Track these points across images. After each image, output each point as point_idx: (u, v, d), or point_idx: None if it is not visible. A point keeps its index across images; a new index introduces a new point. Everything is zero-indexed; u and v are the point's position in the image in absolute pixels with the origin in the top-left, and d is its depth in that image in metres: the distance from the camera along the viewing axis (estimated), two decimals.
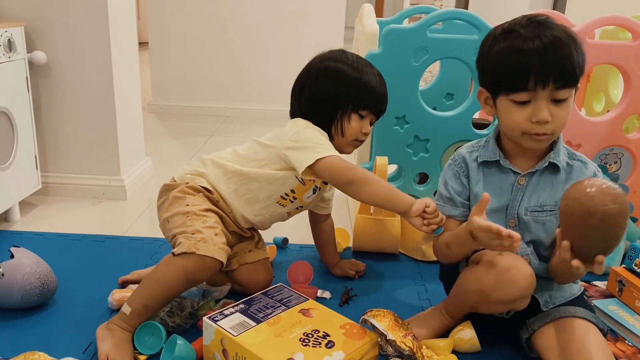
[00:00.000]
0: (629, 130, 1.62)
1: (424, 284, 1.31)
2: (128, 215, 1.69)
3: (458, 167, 1.06)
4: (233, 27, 2.93)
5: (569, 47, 0.90)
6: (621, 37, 1.71)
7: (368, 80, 1.16)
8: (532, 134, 0.94)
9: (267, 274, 1.23)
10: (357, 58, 1.19)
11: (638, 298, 1.14)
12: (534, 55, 0.89)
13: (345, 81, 1.15)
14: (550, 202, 1.00)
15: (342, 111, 1.16)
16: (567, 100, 0.93)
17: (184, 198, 1.12)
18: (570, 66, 0.90)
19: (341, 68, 1.16)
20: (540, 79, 0.89)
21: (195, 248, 1.01)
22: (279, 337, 0.92)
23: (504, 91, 0.94)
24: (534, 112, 0.92)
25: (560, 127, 0.95)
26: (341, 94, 1.15)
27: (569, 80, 0.91)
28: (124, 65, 1.79)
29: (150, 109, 3.05)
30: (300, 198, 1.18)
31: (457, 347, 1.04)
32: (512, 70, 0.92)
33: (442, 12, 1.44)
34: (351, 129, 1.17)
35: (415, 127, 1.47)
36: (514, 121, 0.95)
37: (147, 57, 3.05)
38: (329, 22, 2.93)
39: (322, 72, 1.17)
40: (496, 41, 0.95)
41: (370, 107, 1.17)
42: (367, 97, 1.16)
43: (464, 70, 1.47)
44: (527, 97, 0.92)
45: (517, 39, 0.91)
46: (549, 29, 0.91)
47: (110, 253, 1.41)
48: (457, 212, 1.05)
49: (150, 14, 2.95)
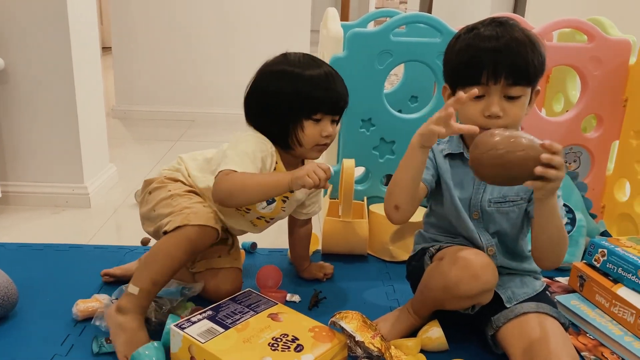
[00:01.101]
0: (587, 130, 1.67)
1: (392, 284, 1.33)
2: (92, 223, 1.66)
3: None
4: (198, 32, 2.91)
5: (524, 47, 0.94)
6: (577, 40, 1.76)
7: (312, 83, 1.09)
8: (485, 128, 0.96)
9: (232, 284, 1.17)
10: (299, 61, 1.12)
11: (598, 292, 1.18)
12: (488, 51, 0.93)
13: (288, 93, 1.09)
14: (512, 192, 1.04)
15: (293, 122, 1.10)
16: (520, 98, 0.96)
17: (165, 186, 1.13)
18: (523, 64, 0.94)
19: (283, 79, 1.10)
20: (492, 73, 0.93)
21: (187, 220, 1.02)
22: (248, 343, 0.92)
23: (461, 85, 0.98)
24: (486, 106, 0.96)
25: (512, 124, 0.98)
26: (286, 107, 1.09)
27: (521, 77, 0.94)
28: (86, 70, 1.75)
29: (114, 115, 3.00)
30: (253, 209, 1.16)
31: (425, 346, 1.05)
32: (467, 64, 0.96)
33: (405, 16, 1.46)
34: (307, 137, 1.11)
35: (381, 130, 1.49)
36: (469, 115, 0.98)
37: (110, 62, 3.00)
38: (295, 26, 2.94)
39: (263, 86, 1.12)
40: (459, 39, 1.00)
41: (322, 109, 1.10)
42: (316, 101, 1.09)
43: (427, 73, 1.50)
44: (481, 91, 0.95)
45: (476, 37, 0.96)
46: (509, 30, 0.95)
47: (74, 262, 1.37)
48: (428, 177, 1.05)
49: (113, 18, 2.90)
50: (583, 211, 1.50)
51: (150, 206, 1.13)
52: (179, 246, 1.02)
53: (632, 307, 1.09)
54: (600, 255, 1.21)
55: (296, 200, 1.21)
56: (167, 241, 1.03)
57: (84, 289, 1.21)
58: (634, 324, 1.08)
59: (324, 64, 1.14)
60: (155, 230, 1.12)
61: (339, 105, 1.12)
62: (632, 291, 1.12)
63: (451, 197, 1.06)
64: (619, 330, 1.09)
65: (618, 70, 1.52)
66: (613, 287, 1.14)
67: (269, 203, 1.17)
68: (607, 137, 1.59)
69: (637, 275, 1.11)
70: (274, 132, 1.12)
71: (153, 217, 1.12)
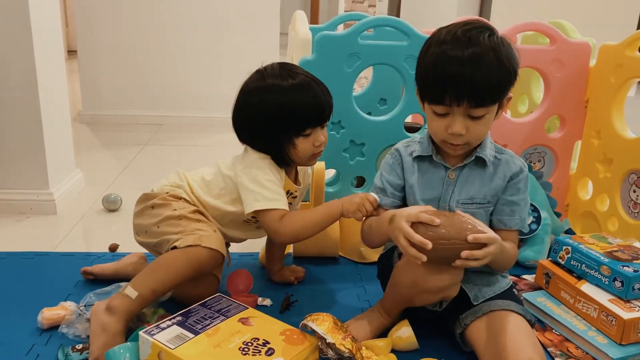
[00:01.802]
0: (551, 130, 1.71)
1: (363, 285, 1.33)
2: (58, 230, 1.62)
3: (394, 159, 1.12)
4: (165, 34, 2.88)
5: (490, 68, 0.93)
6: (540, 42, 1.80)
7: (296, 103, 1.10)
8: (448, 142, 1.01)
9: (205, 290, 1.15)
10: (279, 78, 1.12)
11: (563, 289, 1.21)
12: (451, 75, 0.94)
13: (275, 118, 1.11)
14: (479, 195, 1.06)
15: (285, 142, 1.13)
16: (484, 117, 0.98)
17: (169, 204, 1.14)
18: (485, 88, 0.94)
19: (267, 102, 1.11)
20: (455, 98, 0.95)
21: (200, 241, 1.05)
22: (218, 348, 0.91)
23: (427, 101, 1.01)
24: (449, 124, 0.98)
25: (475, 140, 1.01)
26: (276, 129, 1.12)
27: (484, 101, 0.96)
28: (50, 74, 1.71)
29: (81, 119, 2.94)
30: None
31: (395, 346, 1.06)
32: (432, 85, 0.98)
33: (373, 19, 1.47)
34: (301, 152, 1.14)
35: (351, 132, 1.50)
36: (434, 129, 1.02)
37: (76, 65, 2.94)
38: (264, 28, 2.93)
39: (250, 111, 1.13)
40: (428, 51, 0.99)
41: (311, 124, 1.13)
42: (303, 120, 1.12)
43: (395, 75, 1.51)
44: (444, 110, 0.98)
45: (443, 56, 0.95)
46: (477, 48, 0.93)
47: (40, 270, 1.34)
48: (387, 201, 1.11)
49: (78, 21, 2.85)
50: (548, 210, 1.53)
51: (154, 221, 1.13)
52: (188, 263, 1.04)
53: (595, 303, 1.12)
54: (564, 252, 1.24)
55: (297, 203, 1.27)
56: (178, 256, 1.05)
57: (51, 297, 1.18)
58: (597, 318, 1.11)
59: (301, 72, 1.15)
60: (157, 243, 1.13)
61: (325, 114, 1.15)
62: (595, 287, 1.15)
63: (414, 200, 1.08)
64: (584, 326, 1.12)
65: (579, 72, 1.56)
66: (577, 284, 1.17)
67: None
68: (570, 137, 1.63)
69: (600, 271, 1.14)
70: (270, 150, 1.16)
71: (155, 232, 1.13)
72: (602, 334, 1.09)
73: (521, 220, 1.06)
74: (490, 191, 1.05)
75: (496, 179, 1.05)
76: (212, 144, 2.62)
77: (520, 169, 1.06)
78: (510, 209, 1.05)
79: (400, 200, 1.12)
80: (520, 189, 1.06)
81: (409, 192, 1.10)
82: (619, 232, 1.45)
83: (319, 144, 1.15)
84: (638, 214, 1.42)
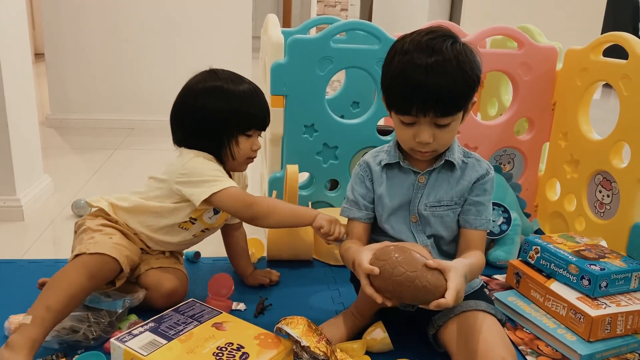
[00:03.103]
0: (520, 132, 1.75)
1: (337, 288, 1.34)
2: (26, 236, 1.58)
3: (363, 171, 1.12)
4: (136, 37, 2.84)
5: (455, 78, 0.94)
6: (508, 46, 1.84)
7: (246, 100, 1.15)
8: (416, 150, 1.03)
9: (173, 281, 1.15)
10: (230, 78, 1.16)
11: (533, 288, 1.23)
12: (416, 87, 0.94)
13: (226, 110, 1.13)
14: (447, 197, 1.07)
15: (228, 138, 1.15)
16: (450, 124, 0.99)
17: (84, 226, 1.14)
18: (451, 98, 0.95)
19: (219, 96, 1.14)
20: (421, 109, 0.96)
21: (86, 248, 1.04)
22: (192, 354, 0.90)
23: (394, 110, 1.01)
24: (416, 133, 0.99)
25: (442, 147, 1.03)
26: (224, 122, 1.14)
27: (449, 110, 0.97)
28: (15, 77, 1.67)
29: (49, 123, 2.88)
30: (201, 220, 1.18)
31: (370, 347, 1.07)
32: (398, 95, 0.98)
33: (344, 23, 1.48)
34: (241, 151, 1.17)
35: (324, 135, 1.50)
36: (401, 138, 1.04)
37: (44, 68, 2.88)
38: (236, 31, 2.92)
39: (200, 104, 1.14)
40: (394, 60, 0.99)
41: (255, 125, 1.17)
42: (250, 118, 1.16)
43: (368, 79, 1.52)
44: (410, 120, 0.99)
45: (409, 65, 0.95)
46: (441, 56, 0.94)
47: (7, 278, 1.31)
48: (361, 214, 1.11)
49: (45, 23, 2.79)
50: (518, 211, 1.56)
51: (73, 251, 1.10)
52: (77, 272, 1.01)
53: (564, 301, 1.14)
54: (534, 252, 1.26)
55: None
56: (64, 268, 1.03)
57: (18, 305, 1.14)
58: (566, 316, 1.13)
59: (248, 80, 1.19)
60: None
61: (266, 121, 1.20)
62: (564, 285, 1.18)
63: (383, 210, 1.09)
64: (553, 324, 1.15)
65: (546, 76, 1.60)
66: (546, 283, 1.20)
67: (216, 213, 1.19)
68: (538, 139, 1.67)
69: (568, 270, 1.17)
70: (209, 148, 1.16)
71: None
72: (570, 332, 1.12)
73: (487, 221, 1.08)
74: (457, 193, 1.07)
75: (463, 182, 1.07)
76: None
77: (486, 171, 1.08)
78: (476, 209, 1.07)
79: (373, 212, 1.12)
80: (487, 190, 1.08)
81: (378, 202, 1.10)
82: (586, 231, 1.49)
83: (257, 149, 1.19)
84: (604, 214, 1.46)
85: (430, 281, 0.88)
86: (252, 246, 1.44)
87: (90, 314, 1.06)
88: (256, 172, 2.06)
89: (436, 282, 0.88)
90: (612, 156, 1.41)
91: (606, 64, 1.45)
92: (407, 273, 0.88)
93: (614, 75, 1.40)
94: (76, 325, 1.04)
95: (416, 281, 0.88)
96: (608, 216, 1.44)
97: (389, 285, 0.89)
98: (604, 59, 1.47)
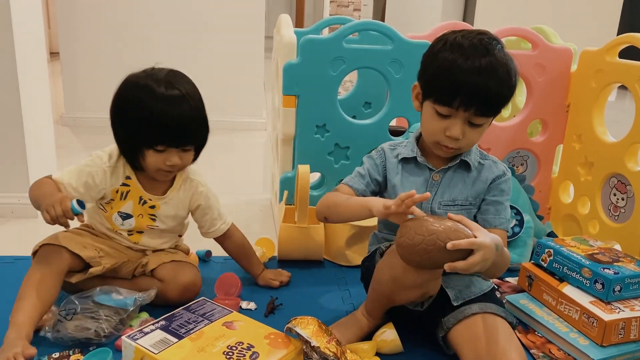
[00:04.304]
0: (533, 134, 1.73)
1: (347, 288, 1.34)
2: (40, 234, 1.59)
3: (379, 156, 1.13)
4: (149, 37, 2.86)
5: (502, 83, 0.97)
6: (522, 47, 1.83)
7: (162, 113, 1.05)
8: (442, 144, 1.02)
9: (190, 273, 1.17)
10: (162, 81, 1.08)
11: (545, 291, 1.22)
12: (466, 80, 0.95)
13: (132, 119, 1.08)
14: (461, 197, 1.07)
15: (138, 147, 1.09)
16: (482, 126, 1.01)
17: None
18: (495, 99, 0.98)
19: (132, 103, 1.08)
20: (464, 103, 0.97)
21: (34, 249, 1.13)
22: (202, 352, 0.90)
23: (432, 100, 1.01)
24: (449, 126, 1.00)
25: (467, 146, 1.04)
26: (130, 132, 1.09)
27: (489, 110, 0.99)
28: (31, 76, 1.69)
29: (63, 122, 2.91)
30: (110, 221, 1.18)
31: (380, 349, 1.07)
32: (444, 85, 0.98)
33: (357, 23, 1.48)
34: (149, 164, 1.10)
35: (336, 136, 1.50)
36: (431, 128, 1.03)
37: (59, 67, 2.91)
38: (249, 32, 2.92)
39: (115, 106, 1.12)
40: (444, 48, 1.00)
41: (165, 142, 1.07)
42: (157, 134, 1.07)
43: (380, 79, 1.52)
44: (447, 112, 0.99)
45: (459, 63, 0.96)
46: (492, 61, 0.96)
47: (21, 275, 1.31)
48: (361, 187, 1.11)
49: (60, 22, 2.82)
50: (530, 213, 1.55)
51: None
52: (34, 265, 1.12)
53: (577, 305, 1.13)
54: (547, 255, 1.25)
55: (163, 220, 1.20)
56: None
57: None
58: (578, 320, 1.12)
59: (184, 88, 1.09)
60: None
61: (184, 138, 1.09)
62: (577, 289, 1.16)
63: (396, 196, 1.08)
64: (565, 327, 1.14)
65: (561, 77, 1.59)
66: (559, 286, 1.19)
67: (124, 218, 1.17)
68: (551, 141, 1.65)
69: (581, 273, 1.16)
70: (122, 148, 1.14)
71: None
72: (583, 336, 1.10)
73: (507, 221, 1.08)
74: (472, 193, 1.07)
75: (479, 182, 1.07)
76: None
77: (503, 172, 1.09)
78: (495, 208, 1.07)
79: (371, 194, 1.12)
80: (504, 190, 1.08)
81: (391, 191, 1.10)
82: (600, 234, 1.47)
83: (171, 165, 1.10)
84: (618, 217, 1.44)
85: (453, 237, 0.89)
86: (263, 245, 1.44)
87: (102, 311, 1.07)
88: (267, 172, 2.06)
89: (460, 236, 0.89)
90: (627, 159, 1.40)
91: (622, 65, 1.44)
92: (432, 226, 0.89)
93: (629, 77, 1.39)
94: (88, 322, 1.05)
95: (441, 237, 0.88)
96: (622, 219, 1.42)
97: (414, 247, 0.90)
98: (620, 61, 1.46)
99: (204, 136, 1.14)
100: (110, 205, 1.16)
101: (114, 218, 1.17)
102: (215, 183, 1.30)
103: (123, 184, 1.15)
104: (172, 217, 1.21)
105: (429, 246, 0.89)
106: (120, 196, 1.16)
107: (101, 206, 1.17)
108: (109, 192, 1.15)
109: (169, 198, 1.19)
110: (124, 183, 1.15)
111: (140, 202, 1.17)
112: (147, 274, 1.19)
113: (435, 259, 0.90)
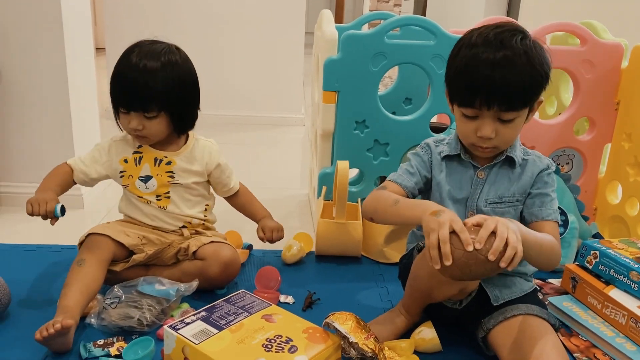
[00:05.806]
0: (580, 132, 1.68)
1: (385, 285, 1.33)
2: (85, 224, 1.64)
3: (425, 152, 1.11)
4: (190, 32, 2.90)
5: (522, 73, 0.93)
6: (570, 43, 1.77)
7: (123, 77, 1.16)
8: (477, 145, 1.01)
9: (230, 251, 1.21)
10: (144, 50, 1.20)
11: (590, 294, 1.18)
12: (483, 79, 0.93)
13: (110, 80, 1.18)
14: (508, 194, 1.05)
15: (115, 108, 1.20)
16: (514, 120, 0.97)
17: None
18: (517, 91, 0.94)
19: (116, 66, 1.19)
20: (485, 102, 0.94)
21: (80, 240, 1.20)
22: (242, 344, 0.91)
23: (456, 103, 1.00)
24: (478, 127, 0.98)
25: (504, 144, 1.01)
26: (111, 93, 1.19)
27: (515, 104, 0.95)
28: (79, 71, 1.75)
29: (108, 116, 2.96)
30: (135, 190, 1.25)
31: (418, 347, 1.06)
32: (462, 88, 0.97)
33: (399, 18, 1.47)
34: (122, 125, 1.20)
35: (375, 132, 1.49)
36: (463, 131, 1.02)
37: (104, 62, 2.98)
38: (289, 27, 2.93)
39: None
40: (459, 53, 0.98)
41: (121, 104, 1.17)
42: (115, 95, 1.18)
43: (421, 75, 1.50)
44: (473, 113, 0.98)
45: (475, 59, 0.94)
46: (509, 51, 0.93)
47: (67, 263, 1.36)
48: (411, 184, 1.09)
49: (106, 18, 2.89)
50: (575, 213, 1.51)
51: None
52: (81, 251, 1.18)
53: (623, 309, 1.09)
54: (592, 257, 1.21)
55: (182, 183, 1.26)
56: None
57: None
58: (625, 325, 1.08)
59: (168, 55, 1.23)
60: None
61: (131, 103, 1.15)
62: (624, 293, 1.13)
63: (441, 197, 1.07)
64: (611, 332, 1.10)
65: (610, 74, 1.53)
66: (605, 289, 1.15)
67: (145, 181, 1.24)
68: (599, 139, 1.60)
69: (629, 277, 1.12)
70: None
71: None
72: (630, 341, 1.07)
73: (554, 212, 1.04)
74: (519, 189, 1.05)
75: (524, 177, 1.05)
76: (235, 141, 2.65)
77: (547, 165, 1.06)
78: (540, 200, 1.04)
79: (419, 192, 1.10)
80: (548, 182, 1.05)
81: (435, 189, 1.09)
82: None
83: (132, 127, 1.17)
84: None
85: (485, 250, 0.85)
86: (301, 240, 1.45)
87: (145, 300, 1.10)
88: (306, 168, 2.07)
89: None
90: None
91: None
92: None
93: None
94: (131, 311, 1.08)
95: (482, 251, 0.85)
96: None
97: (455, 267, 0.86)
98: None
99: (171, 108, 1.18)
100: (129, 174, 1.24)
101: (137, 185, 1.24)
102: (253, 177, 1.32)
103: (135, 152, 1.24)
104: (189, 171, 1.25)
105: (469, 260, 0.86)
106: (134, 162, 1.24)
107: (124, 184, 1.25)
108: (116, 163, 1.24)
109: (183, 154, 1.26)
110: (135, 151, 1.24)
111: (156, 164, 1.24)
112: (189, 258, 1.22)
113: (476, 272, 0.87)
